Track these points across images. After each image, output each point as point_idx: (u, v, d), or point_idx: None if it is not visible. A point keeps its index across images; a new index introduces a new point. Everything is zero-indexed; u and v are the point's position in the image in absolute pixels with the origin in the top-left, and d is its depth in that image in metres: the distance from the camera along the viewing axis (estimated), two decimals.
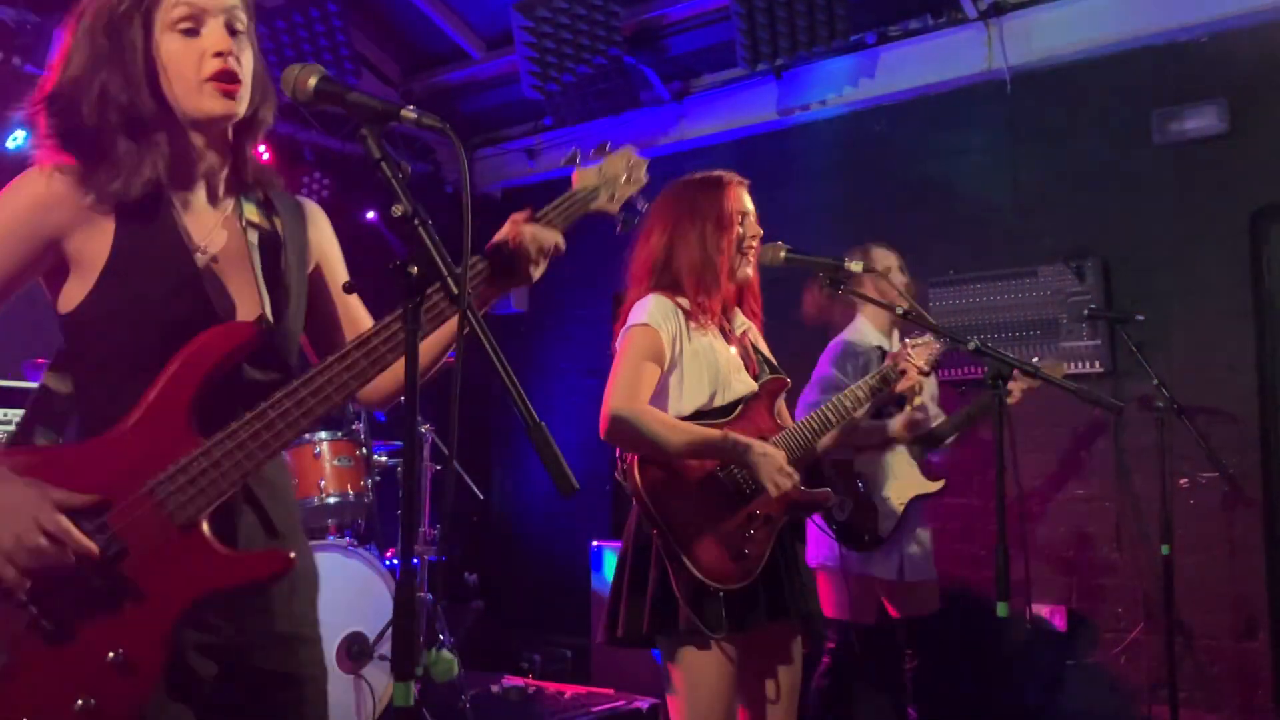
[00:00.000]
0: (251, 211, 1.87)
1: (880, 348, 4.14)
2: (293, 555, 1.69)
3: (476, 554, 6.73)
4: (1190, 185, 4.73)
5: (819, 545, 4.01)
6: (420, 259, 1.57)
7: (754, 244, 2.83)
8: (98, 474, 1.61)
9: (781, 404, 2.93)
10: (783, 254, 2.83)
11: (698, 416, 2.75)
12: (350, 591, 4.13)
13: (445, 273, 1.55)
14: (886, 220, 5.52)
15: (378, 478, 4.53)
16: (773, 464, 2.65)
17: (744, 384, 2.81)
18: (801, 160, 5.85)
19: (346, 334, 1.95)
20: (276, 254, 1.86)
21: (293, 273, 1.87)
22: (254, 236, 1.85)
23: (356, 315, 2.00)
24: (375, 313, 1.87)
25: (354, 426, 4.47)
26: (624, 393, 2.66)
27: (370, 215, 6.33)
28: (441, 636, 4.26)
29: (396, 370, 1.65)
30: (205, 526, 1.63)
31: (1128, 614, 4.78)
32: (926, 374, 3.08)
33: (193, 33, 1.73)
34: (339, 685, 4.06)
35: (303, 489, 4.29)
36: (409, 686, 1.48)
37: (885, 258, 4.11)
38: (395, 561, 4.42)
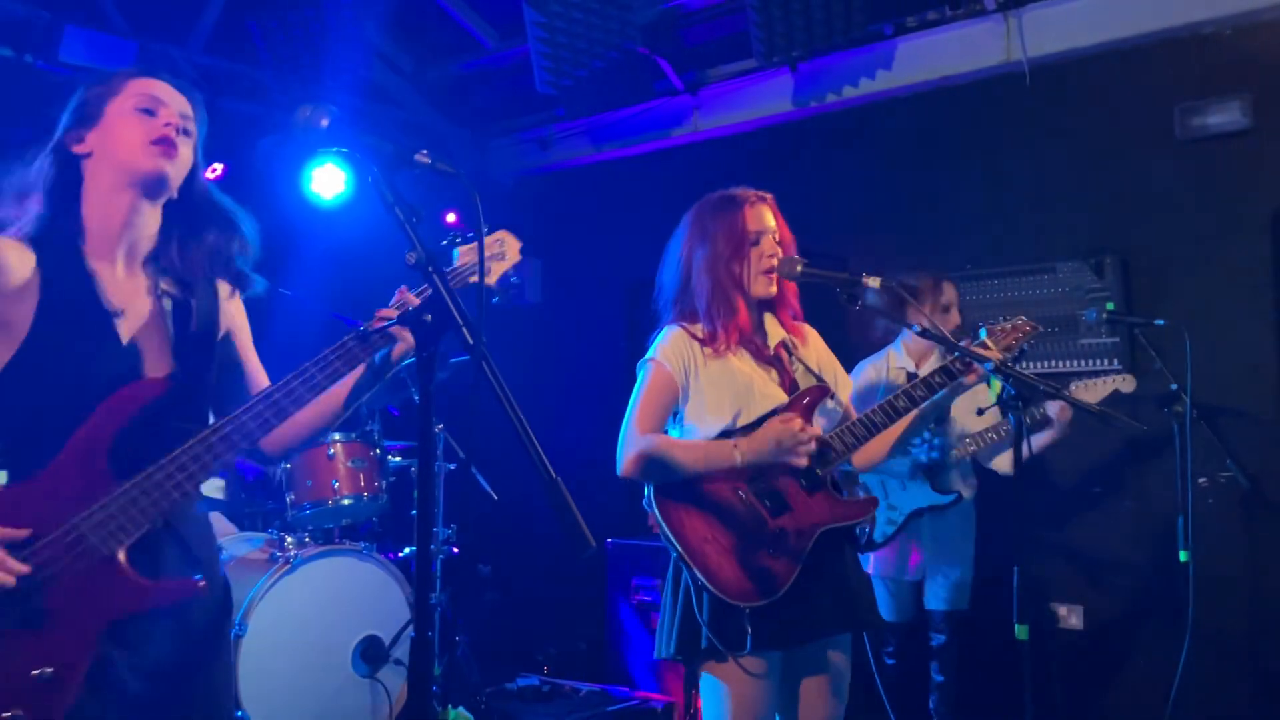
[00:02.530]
0: (167, 283, 2.08)
1: (909, 371, 4.16)
2: (203, 582, 1.91)
3: (490, 545, 6.73)
4: (1212, 181, 4.66)
5: None
6: (435, 307, 1.56)
7: (773, 263, 2.79)
8: (25, 513, 1.78)
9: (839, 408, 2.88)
10: (799, 268, 2.79)
11: (725, 437, 2.73)
12: (365, 596, 4.13)
13: (460, 322, 1.54)
14: (903, 215, 5.48)
15: (392, 479, 4.51)
16: (785, 433, 2.61)
17: (773, 400, 2.77)
18: (817, 154, 5.79)
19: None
20: (188, 320, 2.07)
21: (203, 337, 2.09)
22: (168, 304, 2.07)
23: (260, 380, 2.21)
24: None
25: (368, 428, 4.45)
26: (636, 430, 2.72)
27: (451, 218, 6.42)
28: (457, 639, 4.27)
29: (297, 420, 1.95)
30: (123, 557, 1.80)
31: (1144, 613, 4.76)
32: (997, 371, 2.60)
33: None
34: (354, 689, 4.07)
35: (316, 491, 4.28)
36: None
37: (949, 292, 4.27)
38: (406, 554, 4.45)
